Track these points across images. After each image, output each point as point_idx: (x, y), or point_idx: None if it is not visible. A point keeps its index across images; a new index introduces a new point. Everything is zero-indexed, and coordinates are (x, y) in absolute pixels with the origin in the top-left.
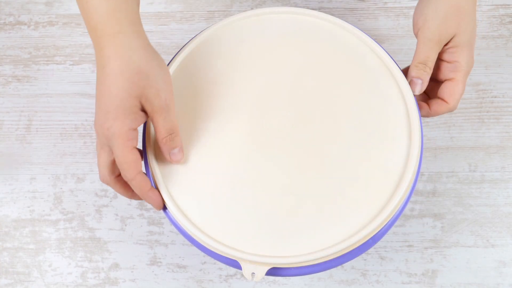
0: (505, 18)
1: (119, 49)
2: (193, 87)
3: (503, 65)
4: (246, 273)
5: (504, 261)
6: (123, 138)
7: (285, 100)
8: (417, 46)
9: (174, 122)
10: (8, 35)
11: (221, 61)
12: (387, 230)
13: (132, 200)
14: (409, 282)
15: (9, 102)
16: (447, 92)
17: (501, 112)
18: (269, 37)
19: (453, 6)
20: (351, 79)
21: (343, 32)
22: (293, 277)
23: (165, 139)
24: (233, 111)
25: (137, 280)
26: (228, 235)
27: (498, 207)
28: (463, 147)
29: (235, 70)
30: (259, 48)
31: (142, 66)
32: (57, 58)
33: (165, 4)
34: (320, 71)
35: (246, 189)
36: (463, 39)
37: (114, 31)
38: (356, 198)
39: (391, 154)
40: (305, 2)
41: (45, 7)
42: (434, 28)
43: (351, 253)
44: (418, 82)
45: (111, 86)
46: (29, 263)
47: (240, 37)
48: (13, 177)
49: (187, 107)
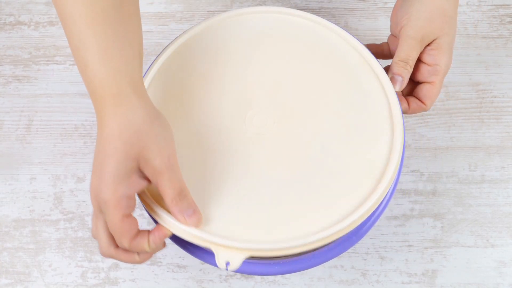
0: (505, 18)
1: (118, 110)
2: (176, 89)
3: (503, 65)
4: (219, 262)
5: (504, 261)
6: (115, 206)
7: (268, 98)
8: (399, 44)
9: (181, 182)
10: (8, 35)
11: (203, 62)
12: (372, 225)
13: None
14: (409, 282)
15: (9, 102)
16: (426, 94)
17: (501, 112)
18: (250, 37)
19: (438, 8)
20: (333, 76)
21: (325, 30)
22: (293, 277)
23: (175, 201)
24: (216, 109)
25: (137, 280)
26: (204, 223)
27: (498, 207)
28: (463, 147)
29: (217, 71)
30: (240, 48)
31: (142, 125)
32: (57, 58)
33: (165, 4)
34: (302, 69)
35: (229, 181)
36: (445, 42)
37: (113, 93)
38: (340, 190)
39: (374, 147)
40: (305, 2)
41: (45, 7)
42: (418, 27)
43: (333, 249)
44: (399, 79)
45: (107, 148)
46: (29, 263)
47: (222, 37)
48: (13, 177)
49: (169, 108)
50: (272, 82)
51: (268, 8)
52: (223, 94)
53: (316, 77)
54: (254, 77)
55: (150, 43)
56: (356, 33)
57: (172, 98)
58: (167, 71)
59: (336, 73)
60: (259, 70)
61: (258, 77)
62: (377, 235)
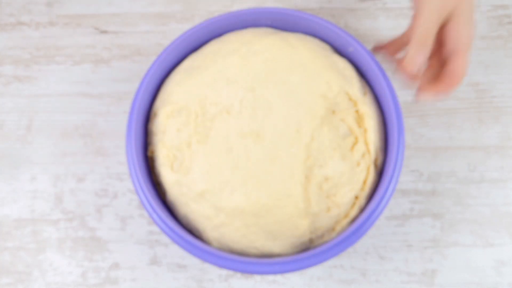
0: (504, 19)
1: None
2: None
3: (502, 66)
4: None
5: (503, 261)
6: None
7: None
8: (414, 19)
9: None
10: (9, 36)
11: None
12: (371, 224)
13: (132, 200)
14: (408, 282)
15: (10, 102)
16: (453, 70)
17: (500, 112)
18: None
19: None
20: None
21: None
22: (292, 277)
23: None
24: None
25: (137, 279)
26: None
27: (497, 206)
28: (462, 147)
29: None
30: None
31: None
32: (58, 58)
33: (165, 4)
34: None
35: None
36: (464, 11)
37: None
38: None
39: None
40: (305, 2)
41: (45, 7)
42: (437, 2)
43: (333, 248)
44: (418, 61)
45: None
46: (30, 262)
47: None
48: (13, 177)
49: None
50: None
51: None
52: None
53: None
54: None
55: (150, 43)
56: (356, 33)
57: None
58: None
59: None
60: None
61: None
62: (377, 235)
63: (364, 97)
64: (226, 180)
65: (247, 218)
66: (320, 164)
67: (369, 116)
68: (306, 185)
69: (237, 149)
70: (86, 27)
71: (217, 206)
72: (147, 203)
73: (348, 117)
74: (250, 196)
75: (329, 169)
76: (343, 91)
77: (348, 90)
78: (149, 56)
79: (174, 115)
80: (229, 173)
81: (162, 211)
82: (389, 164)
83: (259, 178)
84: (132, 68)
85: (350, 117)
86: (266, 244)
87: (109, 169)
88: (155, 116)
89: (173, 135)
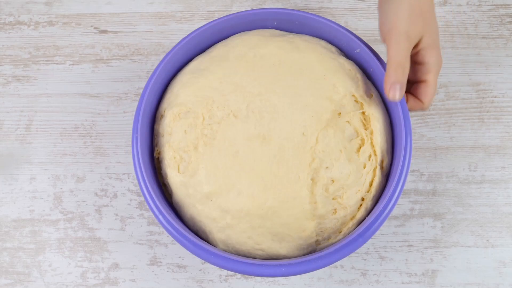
0: (505, 18)
1: None
2: None
3: (503, 65)
4: None
5: (504, 261)
6: None
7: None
8: (389, 49)
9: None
10: (8, 35)
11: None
12: (378, 226)
13: (132, 200)
14: (409, 282)
15: (9, 102)
16: (422, 93)
17: (501, 112)
18: None
19: (415, 8)
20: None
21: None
22: (293, 277)
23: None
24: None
25: (137, 280)
26: None
27: (498, 207)
28: (463, 147)
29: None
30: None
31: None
32: (57, 58)
33: (165, 4)
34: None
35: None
36: (430, 40)
37: None
38: None
39: None
40: (305, 2)
41: (45, 7)
42: (404, 29)
43: (340, 251)
44: (398, 88)
45: None
46: (29, 263)
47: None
48: (13, 177)
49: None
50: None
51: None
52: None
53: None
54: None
55: (150, 43)
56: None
57: None
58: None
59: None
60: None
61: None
62: (377, 235)
63: (370, 99)
64: (233, 182)
65: (253, 220)
66: (326, 166)
67: (375, 118)
68: (312, 187)
69: (243, 151)
70: (85, 26)
71: (223, 208)
72: (152, 204)
73: (354, 119)
74: (256, 198)
75: (335, 171)
76: (349, 93)
77: (354, 92)
78: (148, 56)
79: (181, 117)
80: (236, 175)
81: (167, 212)
82: (396, 166)
83: (265, 180)
84: (132, 68)
85: (356, 119)
86: (273, 246)
87: (109, 169)
88: (162, 117)
89: (180, 137)
